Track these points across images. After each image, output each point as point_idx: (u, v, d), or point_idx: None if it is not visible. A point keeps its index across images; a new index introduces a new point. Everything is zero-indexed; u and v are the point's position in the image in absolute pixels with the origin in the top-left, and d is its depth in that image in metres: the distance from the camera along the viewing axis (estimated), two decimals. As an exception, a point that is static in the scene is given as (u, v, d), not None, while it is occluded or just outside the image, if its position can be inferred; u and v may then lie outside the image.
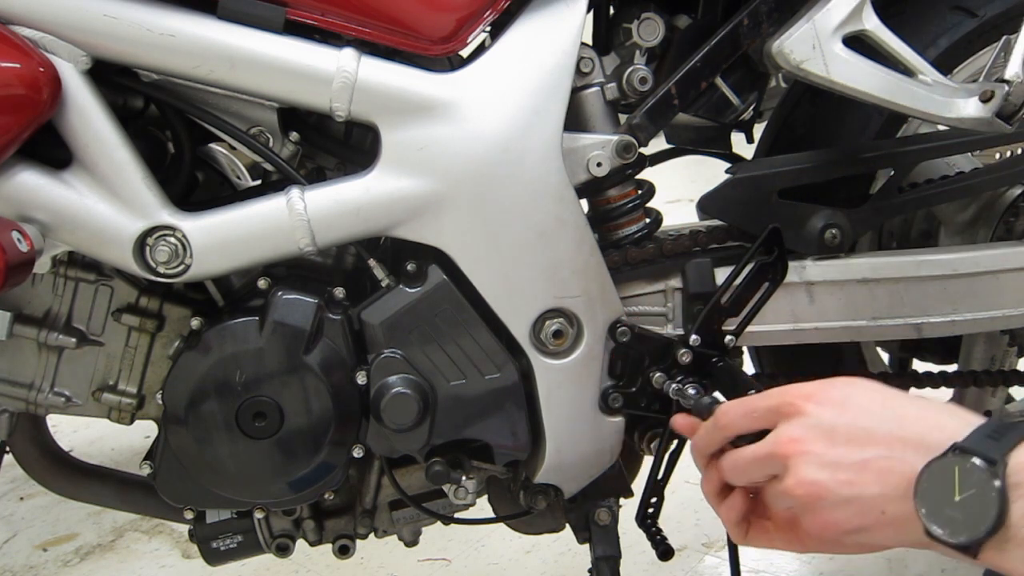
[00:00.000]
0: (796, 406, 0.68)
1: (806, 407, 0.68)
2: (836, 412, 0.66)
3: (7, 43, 0.82)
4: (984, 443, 0.58)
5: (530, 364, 0.97)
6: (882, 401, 0.67)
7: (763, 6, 0.97)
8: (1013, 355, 1.31)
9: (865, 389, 0.68)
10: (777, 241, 0.97)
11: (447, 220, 0.92)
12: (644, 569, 1.59)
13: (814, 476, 0.65)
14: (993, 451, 0.57)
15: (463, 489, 1.03)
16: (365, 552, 1.43)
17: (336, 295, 0.96)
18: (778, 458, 0.68)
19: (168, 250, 0.89)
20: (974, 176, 1.13)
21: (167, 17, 0.87)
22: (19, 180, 0.86)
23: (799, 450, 0.66)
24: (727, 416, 0.75)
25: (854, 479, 0.63)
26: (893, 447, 0.63)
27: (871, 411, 0.66)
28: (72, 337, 0.98)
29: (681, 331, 1.03)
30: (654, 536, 1.04)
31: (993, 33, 1.10)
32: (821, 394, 0.68)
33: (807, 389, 0.69)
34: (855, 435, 0.64)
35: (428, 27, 0.92)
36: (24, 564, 1.83)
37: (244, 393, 0.94)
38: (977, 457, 0.57)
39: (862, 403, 0.67)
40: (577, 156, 0.97)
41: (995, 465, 0.56)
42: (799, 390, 0.70)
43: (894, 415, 0.65)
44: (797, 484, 0.66)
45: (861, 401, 0.67)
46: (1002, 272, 1.07)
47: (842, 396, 0.68)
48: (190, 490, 1.00)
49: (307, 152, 1.00)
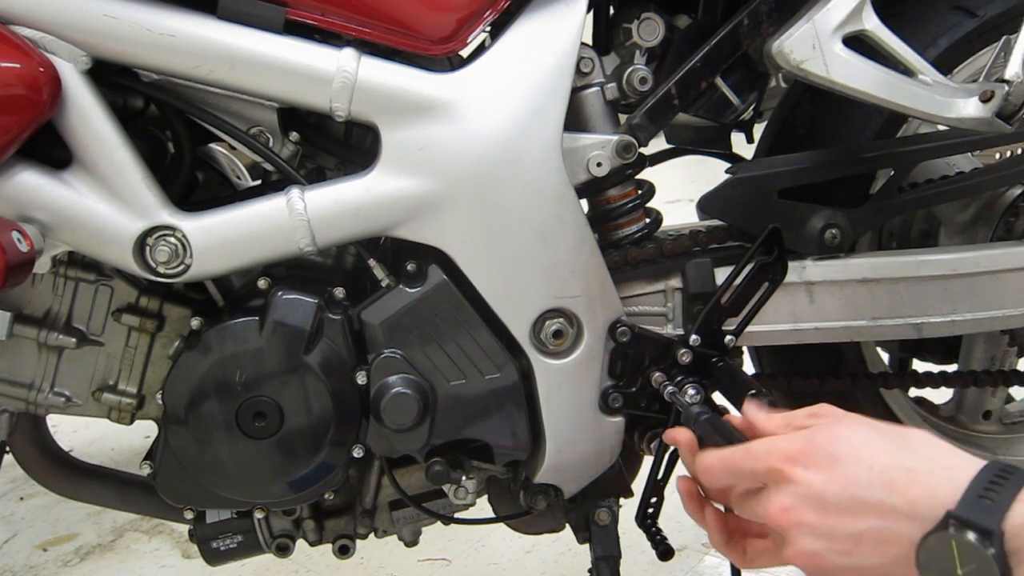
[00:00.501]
0: (783, 473, 0.66)
1: (793, 473, 0.66)
2: (825, 479, 0.65)
3: (7, 43, 0.82)
4: (978, 509, 0.58)
5: (530, 364, 0.97)
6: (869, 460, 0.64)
7: (763, 6, 0.97)
8: (1013, 355, 1.31)
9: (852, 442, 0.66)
10: (777, 241, 0.97)
11: (447, 220, 0.92)
12: (644, 569, 1.59)
13: (812, 547, 0.64)
14: (987, 519, 0.57)
15: (463, 489, 1.03)
16: (365, 552, 1.43)
17: (336, 295, 0.96)
18: (772, 526, 0.67)
19: (168, 250, 0.89)
20: (974, 176, 1.13)
21: (167, 17, 0.87)
22: (19, 180, 0.86)
23: (792, 520, 0.65)
24: (710, 473, 0.73)
25: (851, 550, 0.63)
26: (886, 518, 0.62)
27: (858, 478, 0.64)
28: (72, 337, 0.98)
29: (681, 331, 1.03)
30: (654, 536, 1.04)
31: (993, 33, 1.10)
32: (807, 456, 0.66)
33: (791, 449, 0.67)
34: (846, 506, 0.63)
35: (428, 27, 0.92)
36: (24, 564, 1.83)
37: (244, 393, 0.94)
38: (972, 531, 0.57)
39: (849, 466, 0.64)
40: (577, 156, 0.97)
41: (991, 536, 0.56)
42: (783, 451, 0.68)
43: (883, 481, 0.63)
44: (797, 555, 0.66)
45: (848, 463, 0.65)
46: (1002, 272, 1.07)
47: (829, 457, 0.65)
48: (190, 490, 1.00)
49: (307, 152, 1.00)
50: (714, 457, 0.73)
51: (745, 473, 0.70)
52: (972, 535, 0.57)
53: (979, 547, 0.56)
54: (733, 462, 0.72)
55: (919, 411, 1.32)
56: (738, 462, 0.71)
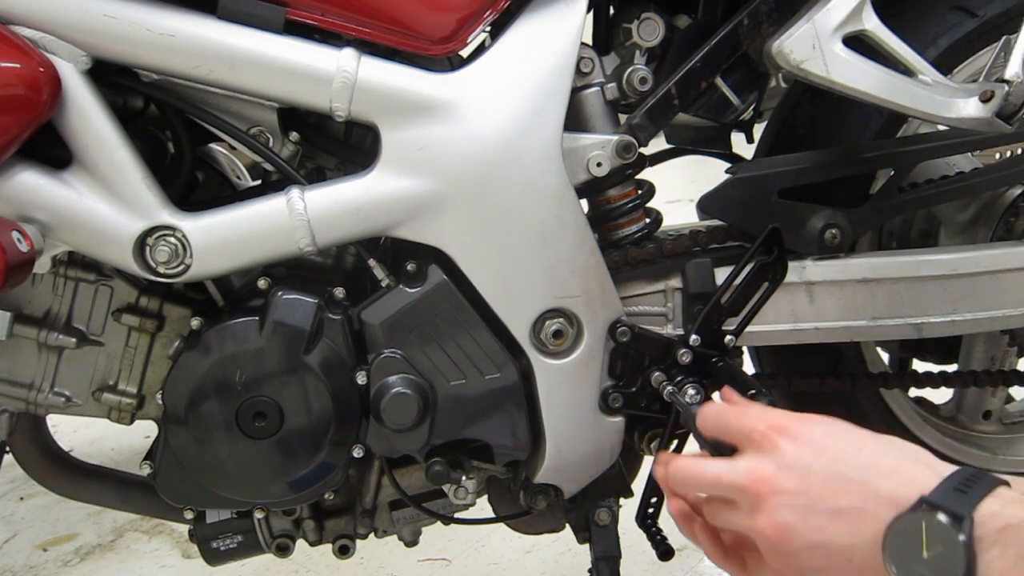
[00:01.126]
0: (770, 440, 0.67)
1: (780, 443, 0.66)
2: (813, 452, 0.65)
3: (7, 43, 0.82)
4: (951, 497, 0.58)
5: (530, 364, 0.97)
6: (857, 446, 0.65)
7: (763, 6, 0.97)
8: (1013, 355, 1.31)
9: (840, 431, 0.67)
10: (777, 241, 0.97)
11: (447, 220, 0.92)
12: (644, 569, 1.59)
13: (786, 519, 0.64)
14: (960, 506, 0.57)
15: (463, 489, 1.03)
16: (365, 552, 1.43)
17: (336, 295, 0.96)
18: (748, 493, 0.66)
19: (168, 250, 0.89)
20: (974, 176, 1.13)
21: (167, 17, 0.87)
22: (19, 180, 0.86)
23: (771, 489, 0.65)
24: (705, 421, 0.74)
25: (825, 526, 0.63)
26: (867, 499, 0.62)
27: (846, 456, 0.64)
28: (72, 337, 0.98)
29: (681, 331, 1.03)
30: (654, 536, 1.04)
31: (993, 33, 1.10)
32: (797, 430, 0.67)
33: (782, 421, 0.68)
34: (830, 481, 0.64)
35: (428, 27, 0.92)
36: (24, 564, 1.83)
37: (244, 393, 0.94)
38: (943, 513, 0.57)
39: (838, 446, 0.65)
40: (577, 156, 0.97)
41: (962, 521, 0.56)
42: (773, 420, 0.68)
43: (870, 462, 0.64)
44: (769, 525, 0.65)
45: (837, 443, 0.66)
46: (1002, 272, 1.07)
47: (819, 435, 0.66)
48: (190, 490, 1.00)
49: (307, 152, 1.00)
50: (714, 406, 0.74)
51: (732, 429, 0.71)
52: (943, 517, 0.57)
53: (949, 529, 0.56)
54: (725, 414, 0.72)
55: (919, 411, 1.32)
56: (729, 416, 0.72)
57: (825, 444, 0.66)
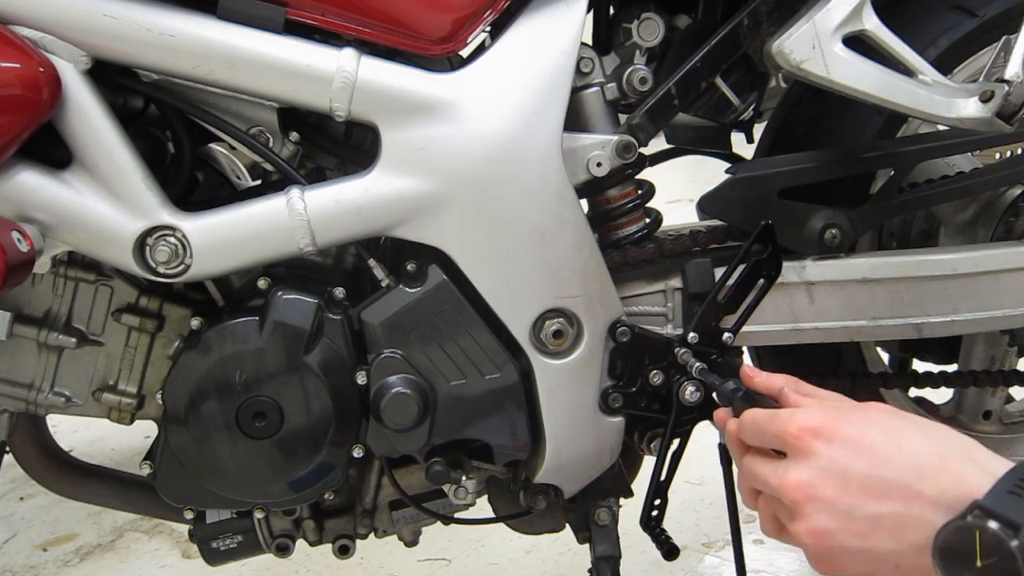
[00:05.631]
0: (805, 443, 0.64)
1: (815, 446, 0.64)
2: (850, 455, 0.62)
3: (7, 43, 0.82)
4: (1006, 502, 0.55)
5: (530, 364, 0.97)
6: (899, 442, 0.62)
7: (763, 6, 0.97)
8: (1013, 355, 1.31)
9: (880, 425, 0.64)
10: (770, 237, 0.97)
11: (447, 220, 0.92)
12: (644, 569, 1.59)
13: (825, 525, 0.62)
14: (1016, 512, 0.54)
15: (463, 489, 1.02)
16: (365, 552, 1.43)
17: (336, 295, 0.96)
18: (785, 500, 0.65)
19: (168, 250, 0.89)
20: (974, 176, 1.13)
21: (167, 17, 0.87)
22: (19, 180, 0.86)
23: (808, 495, 0.63)
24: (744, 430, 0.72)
25: (867, 532, 0.61)
26: (910, 503, 0.60)
27: (887, 456, 0.61)
28: (72, 337, 0.98)
29: (681, 331, 1.03)
30: (659, 537, 1.04)
31: (993, 33, 1.10)
32: (832, 431, 0.64)
33: (818, 420, 0.65)
34: (870, 485, 0.61)
35: (428, 27, 0.92)
36: (24, 564, 1.83)
37: (244, 393, 0.94)
38: (998, 521, 0.54)
39: (877, 444, 0.62)
40: (577, 156, 0.97)
41: (1019, 531, 0.54)
42: (809, 420, 0.66)
43: (912, 463, 0.61)
44: (807, 532, 0.63)
45: (876, 441, 0.63)
46: (1002, 272, 1.07)
47: (857, 434, 0.63)
48: (190, 490, 1.00)
49: (307, 152, 1.00)
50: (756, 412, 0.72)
51: (768, 435, 0.69)
52: (998, 526, 0.54)
53: (1004, 539, 0.54)
54: (762, 421, 0.70)
55: (919, 411, 1.32)
56: (764, 422, 0.70)
57: (863, 443, 0.63)
